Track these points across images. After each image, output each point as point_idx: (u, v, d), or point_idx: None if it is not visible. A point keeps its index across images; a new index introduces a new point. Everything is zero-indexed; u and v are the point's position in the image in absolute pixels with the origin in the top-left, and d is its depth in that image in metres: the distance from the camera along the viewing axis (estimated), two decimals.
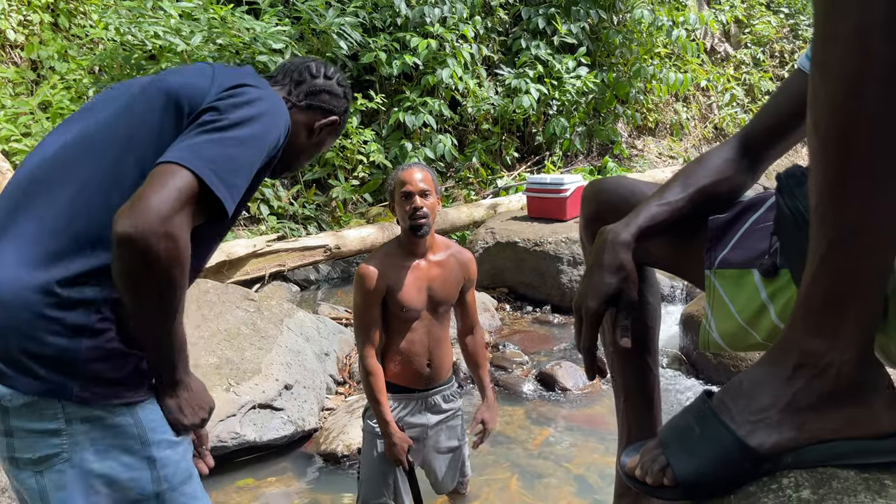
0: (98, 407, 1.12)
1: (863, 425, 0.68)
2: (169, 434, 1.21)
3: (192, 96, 1.20)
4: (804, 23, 12.11)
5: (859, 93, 0.59)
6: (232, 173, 1.13)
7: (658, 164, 9.41)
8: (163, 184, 1.05)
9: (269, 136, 1.21)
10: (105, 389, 1.12)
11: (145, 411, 1.17)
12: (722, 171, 1.02)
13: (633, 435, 1.21)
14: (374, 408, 2.11)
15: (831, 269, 0.65)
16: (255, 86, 1.25)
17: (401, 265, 2.16)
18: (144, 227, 1.01)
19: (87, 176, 1.16)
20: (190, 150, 1.10)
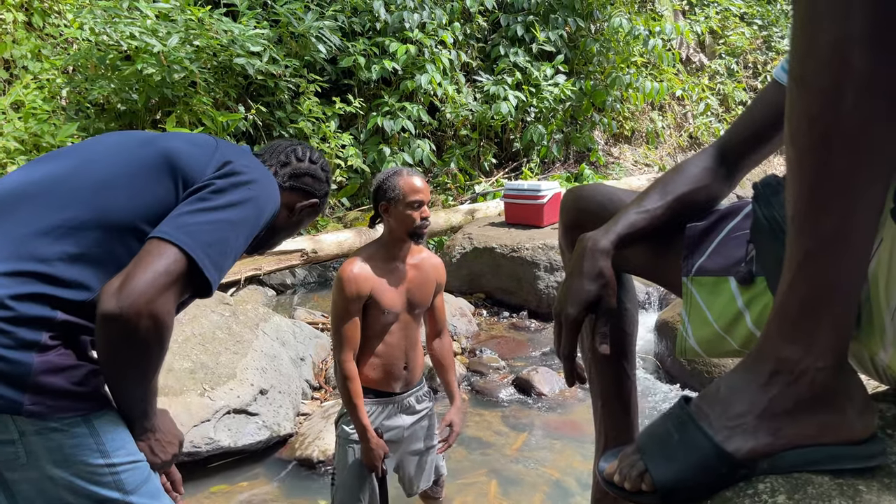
0: (52, 419, 1.10)
1: (837, 431, 0.69)
2: (127, 441, 1.21)
3: (190, 165, 1.25)
4: (777, 34, 12.32)
5: (836, 105, 0.60)
6: (223, 256, 1.20)
7: (634, 171, 9.50)
8: (154, 264, 1.10)
9: (259, 219, 1.28)
10: (58, 402, 1.11)
11: (101, 421, 1.17)
12: (700, 179, 1.04)
13: (610, 440, 1.22)
14: (352, 413, 2.10)
15: (807, 277, 0.66)
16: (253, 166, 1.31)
17: (383, 268, 2.16)
18: (130, 309, 1.07)
19: (68, 211, 1.18)
20: (186, 230, 1.15)
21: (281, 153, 1.59)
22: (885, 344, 0.73)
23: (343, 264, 2.15)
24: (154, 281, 1.09)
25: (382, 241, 2.21)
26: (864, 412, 0.70)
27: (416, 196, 2.12)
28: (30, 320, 1.09)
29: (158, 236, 1.14)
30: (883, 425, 0.76)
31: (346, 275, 2.10)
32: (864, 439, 0.69)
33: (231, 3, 6.96)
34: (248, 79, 6.84)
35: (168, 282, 1.11)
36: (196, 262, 1.14)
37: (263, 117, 6.98)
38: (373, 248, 2.21)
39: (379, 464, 2.10)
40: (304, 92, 7.16)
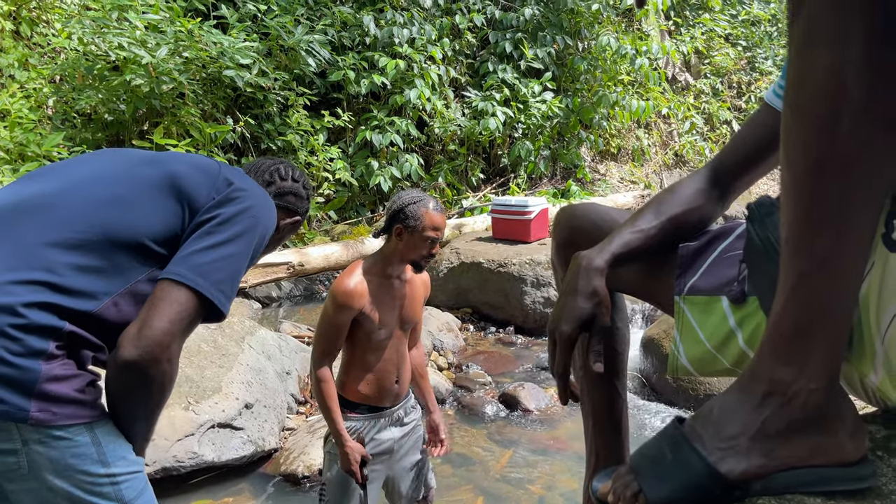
0: (56, 428, 1.11)
1: (828, 453, 0.69)
2: (127, 451, 1.22)
3: (197, 190, 1.30)
4: (761, 56, 12.50)
5: (831, 131, 0.61)
6: (233, 287, 1.27)
7: (620, 188, 9.57)
8: (170, 310, 1.17)
9: (262, 243, 1.35)
10: (63, 409, 1.12)
11: (103, 430, 1.18)
12: (693, 200, 1.05)
13: (601, 459, 1.22)
14: (326, 416, 2.09)
15: (801, 299, 0.67)
16: (252, 189, 1.36)
17: (379, 284, 2.16)
18: (149, 356, 1.14)
19: (76, 224, 1.20)
20: (199, 271, 1.21)
21: (265, 172, 1.64)
22: (876, 366, 0.74)
23: (342, 274, 2.14)
24: (171, 328, 1.16)
25: (383, 258, 2.19)
26: (855, 434, 0.70)
27: (436, 234, 2.13)
28: (39, 329, 1.10)
29: (173, 279, 1.19)
30: (873, 447, 0.77)
31: (343, 287, 2.09)
32: (855, 461, 0.70)
33: (221, 15, 6.96)
34: (237, 91, 6.84)
35: (184, 327, 1.18)
36: (211, 301, 1.21)
37: (251, 129, 6.97)
38: (370, 262, 2.20)
39: (357, 468, 2.09)
40: (293, 105, 7.17)
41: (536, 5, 9.00)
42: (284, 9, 7.38)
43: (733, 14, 12.77)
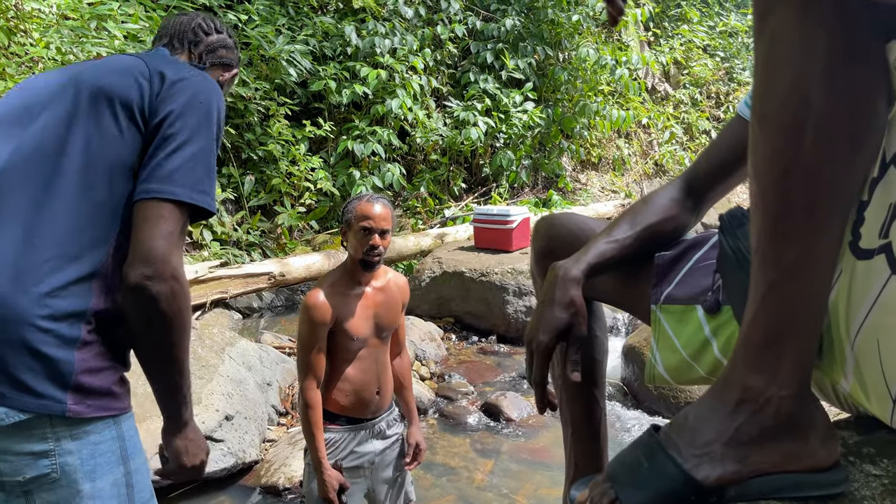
0: (88, 422, 1.12)
1: (800, 459, 0.70)
2: (140, 449, 1.23)
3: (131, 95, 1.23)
4: (738, 66, 12.68)
5: (797, 142, 0.62)
6: (210, 182, 1.23)
7: (601, 197, 9.64)
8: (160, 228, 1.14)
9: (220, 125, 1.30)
10: (97, 401, 1.13)
11: (127, 423, 1.20)
12: (668, 210, 1.06)
13: (580, 467, 1.23)
14: (310, 442, 2.08)
15: (771, 308, 0.68)
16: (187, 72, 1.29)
17: (348, 294, 2.14)
18: (155, 275, 1.12)
19: (52, 184, 1.16)
20: (173, 180, 1.17)
21: (188, 32, 1.54)
22: (846, 372, 0.75)
23: (309, 291, 2.13)
24: (164, 243, 1.14)
25: (346, 267, 2.18)
26: (827, 440, 0.71)
27: (366, 223, 2.06)
28: (68, 315, 1.10)
29: (150, 197, 1.16)
30: (845, 453, 0.78)
31: (311, 302, 2.07)
32: (827, 467, 0.71)
33: None
34: None
35: (177, 238, 1.16)
36: (195, 204, 1.18)
37: (232, 139, 6.94)
38: (337, 273, 2.19)
39: (334, 496, 2.07)
40: (274, 115, 7.15)
41: (517, 16, 9.07)
42: (265, 19, 7.37)
43: (711, 25, 12.96)
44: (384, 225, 2.09)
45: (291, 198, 7.20)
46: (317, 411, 2.07)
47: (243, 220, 6.96)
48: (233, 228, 6.72)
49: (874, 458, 0.76)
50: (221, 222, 6.59)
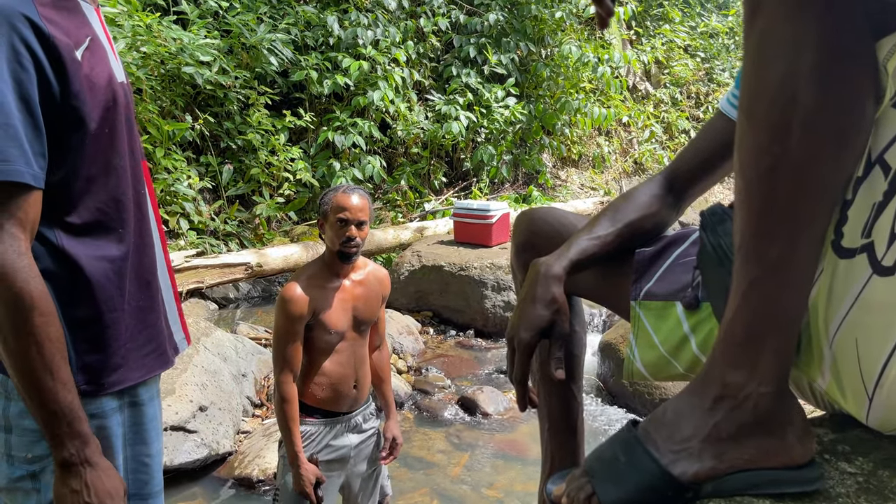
0: (94, 399, 1.07)
1: (777, 456, 0.71)
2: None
3: None
4: (718, 67, 12.78)
5: (783, 139, 0.62)
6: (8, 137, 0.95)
7: (580, 194, 9.68)
8: None
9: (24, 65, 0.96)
10: (98, 376, 1.08)
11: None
12: (648, 206, 1.06)
13: (556, 462, 1.23)
14: (285, 437, 2.06)
15: (752, 305, 0.68)
16: None
17: (326, 287, 2.12)
18: None
19: None
20: None
21: None
22: (823, 370, 0.75)
23: (286, 284, 2.10)
24: None
25: (324, 259, 2.16)
26: (803, 437, 0.72)
27: (343, 214, 2.05)
28: None
29: None
30: (821, 450, 0.78)
31: (288, 295, 2.05)
32: (803, 464, 0.71)
33: (181, 11, 6.84)
34: (197, 88, 6.72)
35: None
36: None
37: (211, 128, 6.86)
38: (315, 266, 2.17)
39: (310, 490, 2.06)
40: (254, 104, 7.08)
41: (501, 11, 9.05)
42: (247, 6, 7.29)
43: (692, 26, 13.05)
44: (361, 216, 2.08)
45: (270, 188, 7.14)
46: (293, 405, 2.05)
47: (221, 210, 6.89)
48: (210, 218, 6.65)
49: (849, 455, 0.77)
50: (199, 211, 6.51)
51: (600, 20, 0.98)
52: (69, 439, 1.00)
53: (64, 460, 1.00)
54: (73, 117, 1.02)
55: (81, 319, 1.07)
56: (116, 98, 1.10)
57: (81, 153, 1.05)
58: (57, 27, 0.99)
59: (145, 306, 1.19)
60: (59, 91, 1.00)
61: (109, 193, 1.10)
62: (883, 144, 0.66)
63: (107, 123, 1.08)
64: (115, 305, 1.11)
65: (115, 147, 1.10)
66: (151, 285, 1.21)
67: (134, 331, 1.16)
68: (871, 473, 0.73)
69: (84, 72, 1.03)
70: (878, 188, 0.67)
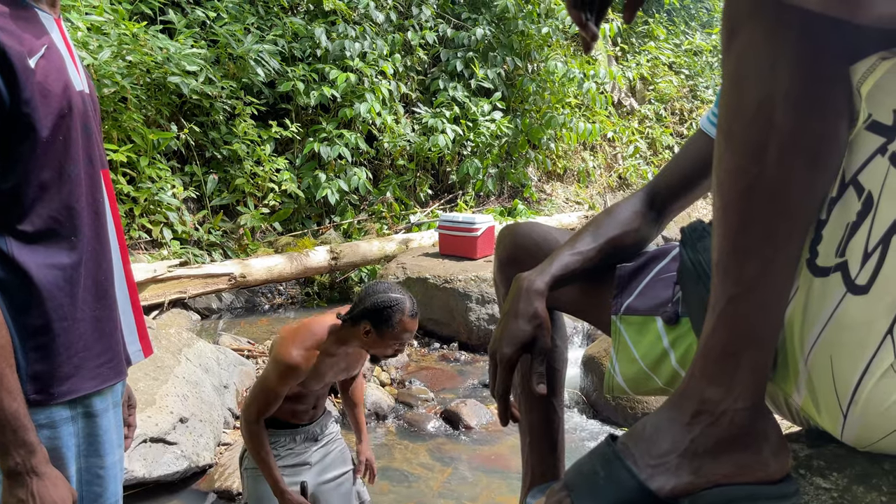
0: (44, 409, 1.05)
1: (753, 471, 0.71)
2: None
3: None
4: (702, 84, 12.93)
5: (760, 159, 0.64)
6: None
7: (565, 208, 9.72)
8: None
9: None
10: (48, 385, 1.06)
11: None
12: (630, 222, 1.07)
13: (536, 476, 1.23)
14: (264, 470, 2.02)
15: (729, 322, 0.69)
16: None
17: (326, 362, 2.08)
18: None
19: None
20: None
21: None
22: (799, 386, 0.76)
23: (290, 341, 2.00)
24: None
25: (338, 340, 2.05)
26: (778, 453, 0.72)
27: (407, 337, 2.02)
28: None
29: None
30: (796, 465, 0.79)
31: (292, 360, 1.97)
32: (779, 479, 0.72)
33: (168, 20, 6.83)
34: (182, 98, 6.70)
35: None
36: None
37: (196, 137, 6.84)
38: (329, 343, 2.05)
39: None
40: (240, 114, 7.07)
41: (488, 26, 9.11)
42: (234, 17, 7.29)
43: (677, 43, 13.20)
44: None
45: (255, 198, 7.12)
46: (264, 441, 2.02)
47: (205, 220, 6.85)
48: (194, 228, 6.61)
49: (824, 471, 0.78)
50: (182, 220, 6.47)
51: (585, 44, 0.99)
52: (14, 448, 0.99)
53: (10, 469, 1.00)
54: (23, 124, 1.02)
55: (31, 327, 1.06)
56: (72, 106, 1.09)
57: (34, 161, 1.04)
58: (9, 35, 1.00)
59: (102, 316, 1.18)
60: (9, 98, 1.00)
61: (63, 201, 1.09)
62: (857, 166, 0.68)
63: (60, 131, 1.07)
64: (65, 314, 1.10)
65: (69, 155, 1.10)
66: (108, 294, 1.20)
67: (89, 340, 1.14)
68: (846, 489, 0.74)
69: (37, 79, 1.03)
70: (851, 208, 0.68)
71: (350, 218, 7.72)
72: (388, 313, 1.96)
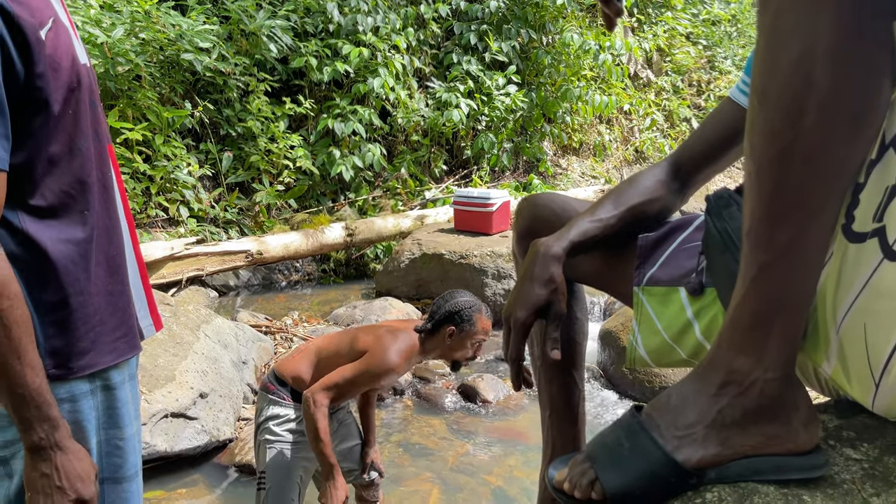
0: (64, 383, 1.06)
1: (783, 442, 0.70)
2: None
3: None
4: (720, 55, 12.71)
5: (797, 121, 0.61)
6: None
7: (581, 183, 9.65)
8: None
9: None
10: (67, 360, 1.07)
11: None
12: (653, 191, 1.05)
13: (557, 449, 1.22)
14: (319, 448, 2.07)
15: (760, 290, 0.67)
16: None
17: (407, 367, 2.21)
18: None
19: None
20: None
21: None
22: (829, 356, 0.75)
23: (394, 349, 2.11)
24: None
25: (423, 350, 2.22)
26: (808, 424, 0.71)
27: (486, 336, 2.24)
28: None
29: None
30: (826, 436, 0.78)
31: (392, 365, 2.08)
32: (808, 450, 0.71)
33: None
34: (196, 75, 6.69)
35: None
36: None
37: (210, 115, 6.84)
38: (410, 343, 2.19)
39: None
40: (254, 91, 7.05)
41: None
42: None
43: (694, 13, 12.96)
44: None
45: (270, 175, 7.12)
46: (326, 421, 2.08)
47: (221, 197, 6.88)
48: (210, 205, 6.64)
49: (854, 442, 0.76)
50: (199, 198, 6.50)
51: (608, 21, 0.96)
52: (38, 423, 0.99)
53: (33, 444, 1.00)
54: (36, 98, 1.01)
55: (48, 303, 1.06)
56: (80, 79, 1.08)
57: (45, 135, 1.03)
58: (21, 6, 0.97)
59: (115, 290, 1.17)
60: (24, 72, 0.98)
61: (74, 175, 1.08)
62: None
63: (70, 105, 1.06)
64: (81, 288, 1.09)
65: (79, 129, 1.08)
66: (121, 269, 1.20)
67: (104, 314, 1.14)
68: (877, 460, 0.73)
69: (47, 52, 1.00)
70: (891, 171, 0.65)
71: (365, 194, 7.71)
72: (467, 314, 2.18)
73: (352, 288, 6.43)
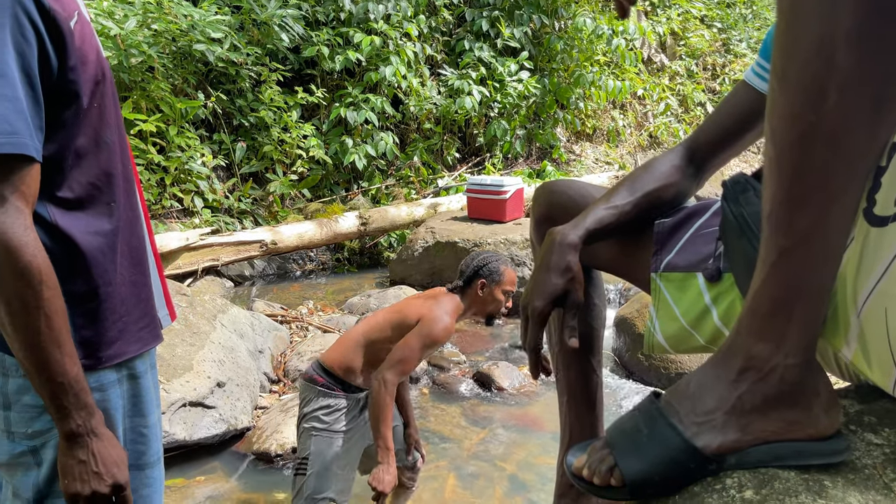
0: (93, 373, 1.08)
1: (803, 427, 0.70)
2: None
3: None
4: (735, 38, 12.56)
5: (818, 104, 0.60)
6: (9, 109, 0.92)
7: (595, 169, 9.60)
8: None
9: (25, 34, 0.94)
10: (96, 350, 1.09)
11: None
12: (668, 177, 1.04)
13: (575, 436, 1.22)
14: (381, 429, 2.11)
15: (780, 276, 0.67)
16: None
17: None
18: None
19: None
20: None
21: None
22: (849, 340, 0.74)
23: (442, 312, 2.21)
24: None
25: (465, 310, 2.33)
26: (829, 409, 0.71)
27: (514, 287, 2.36)
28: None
29: None
30: (846, 421, 0.78)
31: (448, 322, 2.19)
32: (829, 435, 0.70)
33: None
34: (209, 65, 6.70)
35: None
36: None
37: (223, 105, 6.85)
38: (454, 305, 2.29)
39: (388, 492, 2.11)
40: (266, 81, 7.05)
41: None
42: None
43: None
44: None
45: (283, 165, 7.14)
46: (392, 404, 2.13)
47: (235, 188, 6.90)
48: (224, 196, 6.67)
49: (875, 426, 0.76)
50: (213, 189, 6.53)
51: (620, 8, 0.95)
52: (76, 410, 1.01)
53: (70, 431, 1.02)
54: (68, 91, 1.02)
55: (78, 294, 1.07)
56: (105, 72, 1.09)
57: (74, 127, 1.04)
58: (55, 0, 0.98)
59: (138, 281, 1.20)
60: (57, 64, 0.99)
61: (101, 168, 1.10)
62: None
63: (96, 98, 1.07)
64: (109, 279, 1.11)
65: (104, 121, 1.10)
66: (143, 259, 1.22)
67: (129, 305, 1.16)
68: None
69: (77, 44, 1.01)
70: None
71: (378, 183, 7.71)
72: (494, 265, 2.31)
73: (366, 277, 6.45)
